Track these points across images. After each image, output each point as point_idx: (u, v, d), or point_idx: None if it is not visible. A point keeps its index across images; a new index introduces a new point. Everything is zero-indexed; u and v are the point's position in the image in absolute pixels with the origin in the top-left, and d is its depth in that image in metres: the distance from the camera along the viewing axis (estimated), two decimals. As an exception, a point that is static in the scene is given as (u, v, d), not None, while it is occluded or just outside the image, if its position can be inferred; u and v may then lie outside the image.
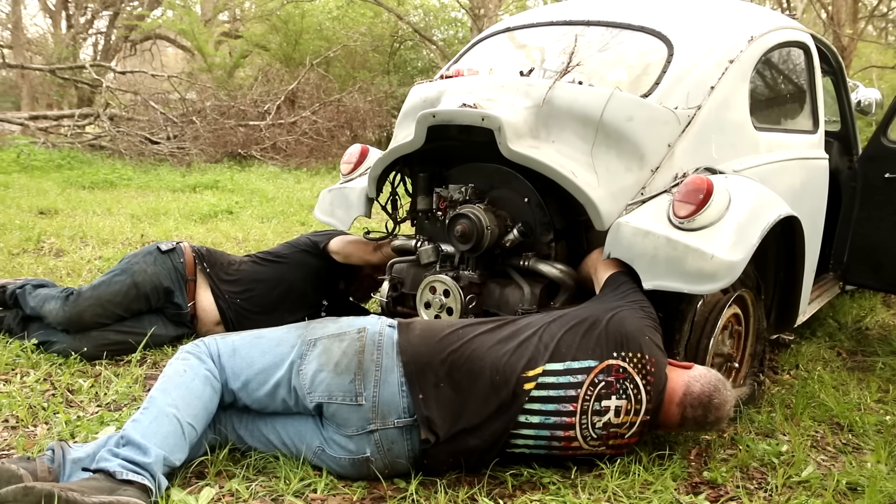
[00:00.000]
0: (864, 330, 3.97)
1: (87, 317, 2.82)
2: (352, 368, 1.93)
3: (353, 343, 1.97)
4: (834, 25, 14.07)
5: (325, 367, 1.93)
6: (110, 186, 8.30)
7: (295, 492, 1.90)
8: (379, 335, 1.99)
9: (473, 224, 2.49)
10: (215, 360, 2.00)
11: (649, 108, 2.48)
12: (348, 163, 3.22)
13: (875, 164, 3.56)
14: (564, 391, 1.97)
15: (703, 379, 2.12)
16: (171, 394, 1.89)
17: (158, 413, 1.85)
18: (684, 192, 2.31)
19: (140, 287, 2.92)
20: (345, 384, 1.91)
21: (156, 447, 1.78)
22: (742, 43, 2.75)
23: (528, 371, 1.96)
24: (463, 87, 2.69)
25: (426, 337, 2.01)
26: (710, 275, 2.22)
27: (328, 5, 16.98)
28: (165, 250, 3.04)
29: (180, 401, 1.88)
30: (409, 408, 1.92)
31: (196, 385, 1.93)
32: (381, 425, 1.92)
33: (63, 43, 17.62)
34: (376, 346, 1.96)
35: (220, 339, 2.07)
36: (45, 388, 2.51)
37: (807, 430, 2.53)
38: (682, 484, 2.08)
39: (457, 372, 1.95)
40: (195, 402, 1.91)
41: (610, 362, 2.01)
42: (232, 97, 12.32)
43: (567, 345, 2.02)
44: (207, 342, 2.05)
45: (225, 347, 2.03)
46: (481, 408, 1.94)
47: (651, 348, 2.08)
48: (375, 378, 1.92)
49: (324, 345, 1.98)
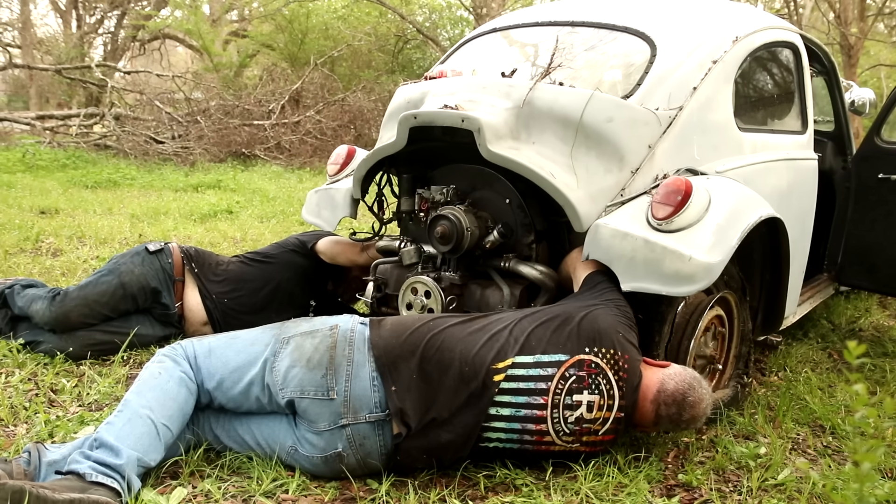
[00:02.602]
0: (858, 331, 3.94)
1: (74, 317, 2.84)
2: (323, 363, 1.96)
3: (325, 339, 2.01)
4: (841, 24, 13.97)
5: (297, 363, 1.96)
6: (113, 186, 8.36)
7: (266, 492, 1.91)
8: (350, 332, 2.03)
9: (453, 225, 2.49)
10: (191, 361, 2.03)
11: (629, 109, 2.47)
12: (335, 164, 3.23)
13: (869, 165, 3.53)
14: (535, 384, 1.98)
15: (678, 377, 2.12)
16: (146, 396, 1.91)
17: (132, 415, 1.86)
18: (663, 193, 2.31)
19: (127, 287, 2.94)
20: (316, 379, 1.94)
21: (128, 448, 1.79)
22: (726, 43, 2.74)
23: (497, 363, 1.98)
24: (445, 89, 2.70)
25: (397, 331, 2.04)
26: (688, 277, 2.21)
27: (333, 5, 17.02)
28: (153, 251, 3.05)
29: (154, 402, 1.90)
30: (381, 402, 1.94)
31: (171, 387, 1.95)
32: (352, 420, 1.94)
33: (70, 43, 17.74)
34: (348, 342, 2.00)
35: (196, 342, 2.09)
36: (29, 387, 2.53)
37: (788, 432, 2.52)
38: (656, 486, 2.08)
39: (427, 363, 1.98)
40: (170, 404, 1.93)
41: (581, 357, 2.02)
42: (237, 97, 12.37)
43: (537, 339, 2.04)
44: (184, 345, 2.08)
45: (201, 349, 2.06)
46: (451, 399, 1.96)
47: (624, 345, 2.09)
48: (347, 373, 1.95)
49: (296, 342, 2.01)
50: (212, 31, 15.84)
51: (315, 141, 11.74)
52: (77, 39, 18.15)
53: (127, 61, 19.90)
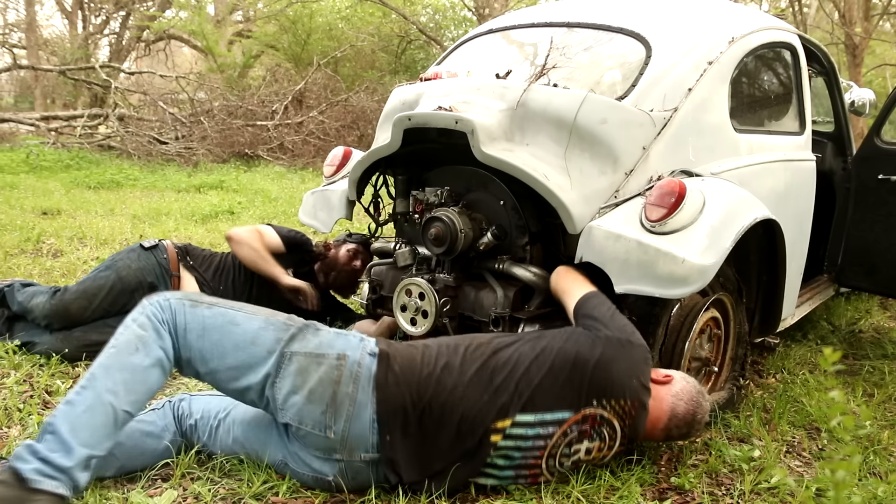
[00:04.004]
0: (858, 333, 3.93)
1: (74, 309, 2.86)
2: (325, 399, 1.84)
3: (331, 371, 1.87)
4: (845, 24, 13.91)
5: (298, 390, 1.85)
6: (116, 187, 8.38)
7: (256, 495, 1.91)
8: (357, 366, 1.89)
9: (447, 227, 2.48)
10: (179, 334, 1.87)
11: (623, 111, 2.46)
12: (331, 165, 3.23)
13: (869, 165, 3.52)
14: (532, 442, 1.92)
15: (686, 396, 2.09)
16: (114, 376, 1.78)
17: (94, 401, 1.74)
18: (656, 195, 2.30)
19: (125, 282, 2.97)
20: (316, 414, 1.84)
21: (81, 446, 1.70)
22: (722, 44, 2.72)
23: (497, 422, 1.89)
24: (440, 90, 2.69)
25: (405, 376, 1.91)
26: (682, 279, 2.20)
27: (337, 5, 17.03)
28: (148, 247, 3.11)
29: (122, 386, 1.78)
30: (378, 444, 1.87)
31: (144, 368, 1.81)
32: (346, 457, 1.88)
33: (75, 44, 17.80)
34: (353, 379, 1.87)
35: (189, 310, 1.90)
36: (24, 389, 2.54)
37: (783, 435, 2.51)
38: (648, 489, 2.07)
39: (428, 418, 1.88)
40: (138, 388, 1.81)
41: (587, 412, 1.94)
42: (240, 97, 12.39)
43: (543, 393, 1.92)
44: (175, 307, 1.89)
45: (194, 323, 1.88)
46: (446, 454, 1.90)
47: (637, 391, 2.00)
48: (348, 413, 1.85)
49: (300, 364, 1.86)
50: (216, 31, 15.89)
51: (318, 141, 11.75)
52: (82, 40, 18.21)
53: (132, 62, 19.96)
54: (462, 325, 2.61)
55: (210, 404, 2.10)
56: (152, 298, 1.93)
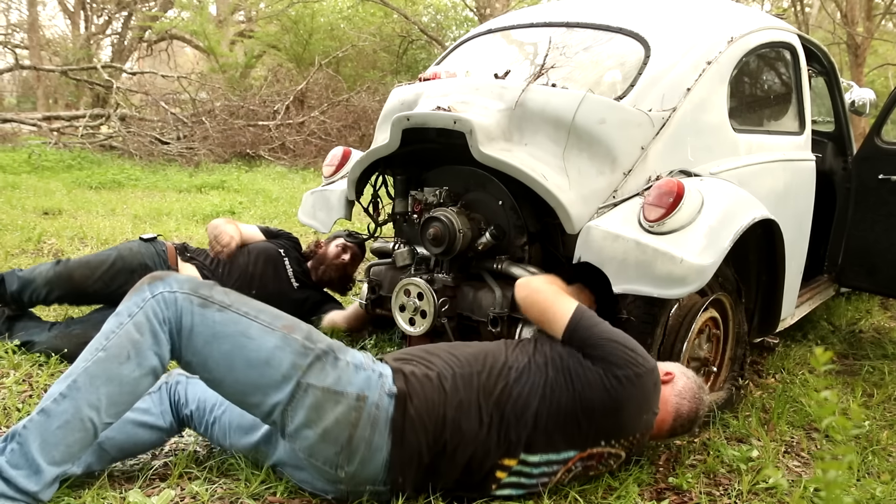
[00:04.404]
0: (858, 333, 3.92)
1: (77, 276, 2.92)
2: (340, 441, 1.74)
3: (349, 413, 1.74)
4: (847, 24, 13.89)
5: (312, 426, 1.73)
6: (118, 187, 8.38)
7: (254, 494, 1.91)
8: (376, 408, 1.76)
9: (445, 227, 2.49)
10: (183, 336, 1.68)
11: (622, 111, 2.46)
12: (330, 165, 3.24)
13: (869, 165, 3.51)
14: (537, 479, 1.89)
15: (689, 393, 2.06)
16: (99, 390, 1.60)
17: (73, 415, 1.58)
18: (655, 195, 2.30)
19: (125, 260, 3.03)
20: (328, 453, 1.75)
21: (51, 465, 1.57)
22: (721, 44, 2.72)
23: (504, 459, 1.85)
24: (439, 90, 2.70)
25: (421, 420, 1.80)
26: (680, 279, 2.20)
27: (339, 5, 17.04)
28: (147, 239, 3.19)
29: (105, 400, 1.61)
30: (386, 480, 1.81)
31: (133, 380, 1.65)
32: (352, 488, 1.82)
33: (77, 44, 17.83)
34: (371, 423, 1.75)
35: (197, 311, 1.70)
36: (23, 388, 2.54)
37: (782, 435, 2.51)
38: (646, 489, 2.07)
39: (440, 458, 1.83)
40: (124, 399, 1.67)
41: (594, 451, 1.92)
42: (242, 97, 12.40)
43: (550, 435, 1.86)
44: (181, 305, 1.69)
45: (202, 327, 1.68)
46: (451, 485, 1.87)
47: (647, 424, 1.98)
48: (362, 456, 1.76)
49: (317, 398, 1.72)
50: (218, 31, 15.90)
51: (319, 141, 11.75)
52: (84, 41, 18.24)
53: (134, 62, 20.00)
54: (461, 324, 2.62)
55: (206, 393, 2.02)
56: (156, 287, 1.70)
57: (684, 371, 2.16)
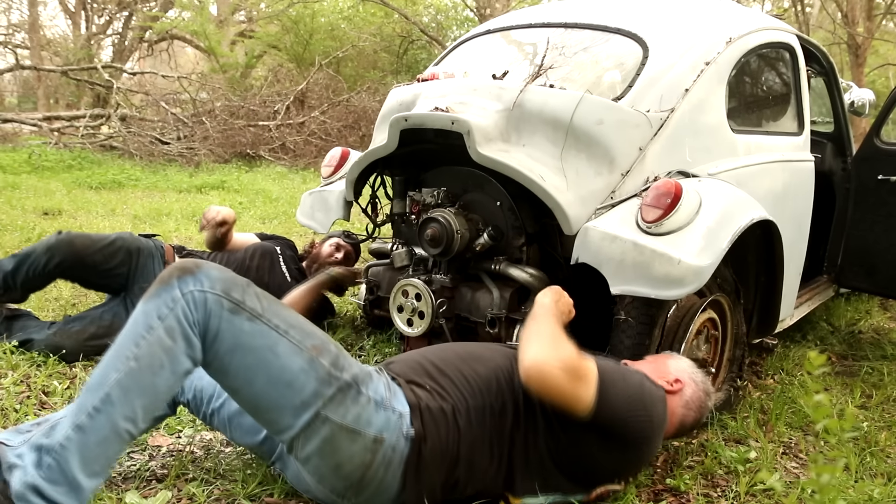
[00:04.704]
0: (858, 333, 3.92)
1: (78, 244, 2.91)
2: (351, 479, 1.68)
3: (364, 453, 1.66)
4: (848, 24, 13.88)
5: (324, 458, 1.66)
6: (118, 187, 8.39)
7: (251, 495, 1.91)
8: (392, 451, 1.68)
9: (443, 228, 2.49)
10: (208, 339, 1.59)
11: (620, 112, 2.46)
12: (328, 166, 3.24)
13: (868, 166, 3.51)
14: None
15: (696, 404, 2.02)
16: (134, 403, 1.53)
17: (110, 431, 1.52)
18: (652, 196, 2.30)
19: (125, 240, 3.04)
20: (338, 486, 1.70)
21: (91, 478, 1.51)
22: (719, 44, 2.72)
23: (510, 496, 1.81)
24: (437, 91, 2.70)
25: (434, 462, 1.73)
26: (677, 280, 2.19)
27: (339, 6, 17.05)
28: (145, 235, 3.22)
29: (141, 411, 1.55)
30: None
31: (168, 387, 1.58)
32: None
33: (78, 44, 17.84)
34: (385, 464, 1.68)
35: (226, 316, 1.58)
36: (21, 389, 2.54)
37: (780, 436, 2.51)
38: (644, 491, 2.07)
39: (450, 493, 1.77)
40: (160, 405, 1.64)
41: (601, 491, 1.88)
42: (242, 97, 12.41)
43: (559, 480, 1.82)
44: (211, 308, 1.57)
45: (228, 334, 1.58)
46: None
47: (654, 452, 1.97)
48: (371, 492, 1.71)
49: (333, 432, 1.63)
50: (218, 32, 15.90)
51: (320, 141, 11.75)
52: (85, 41, 18.25)
53: (135, 62, 20.02)
54: (459, 325, 2.62)
55: (202, 382, 1.97)
56: (186, 283, 1.58)
57: (693, 376, 2.08)
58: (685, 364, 2.14)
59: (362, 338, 3.24)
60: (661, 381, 2.00)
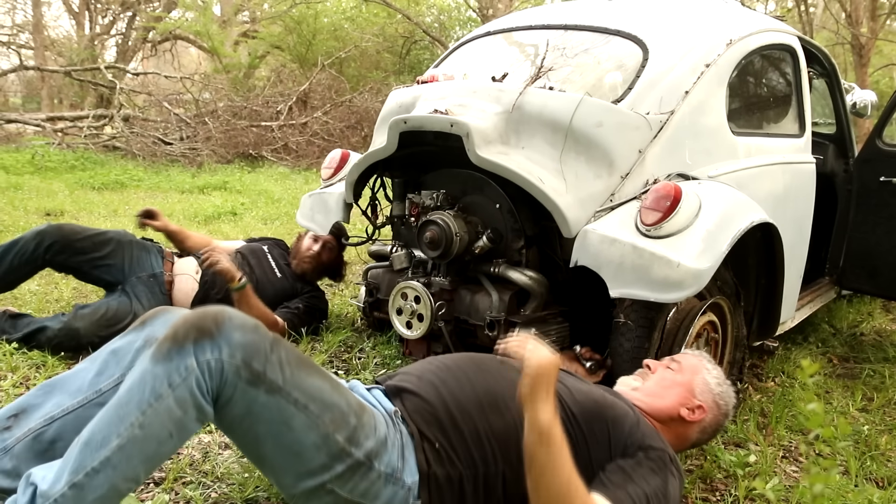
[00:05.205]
0: (860, 336, 3.90)
1: (66, 228, 3.00)
2: None
3: None
4: (852, 24, 13.85)
5: None
6: (120, 187, 8.40)
7: (248, 499, 1.91)
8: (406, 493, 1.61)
9: (442, 231, 2.48)
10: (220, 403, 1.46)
11: (619, 114, 2.46)
12: (328, 168, 3.24)
13: (870, 167, 3.50)
14: None
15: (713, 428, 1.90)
16: (137, 467, 1.41)
17: (109, 489, 1.39)
18: (652, 198, 2.29)
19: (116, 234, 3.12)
20: None
21: None
22: (720, 46, 2.71)
23: None
24: (437, 93, 2.69)
25: None
26: (677, 283, 2.19)
27: (342, 6, 17.06)
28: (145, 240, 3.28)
29: (144, 473, 1.44)
30: None
31: (172, 450, 1.47)
32: None
33: (82, 44, 17.88)
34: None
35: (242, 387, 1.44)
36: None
37: (780, 439, 2.50)
38: (642, 495, 2.06)
39: None
40: (163, 459, 1.49)
41: None
42: (245, 98, 12.42)
43: None
44: (228, 378, 1.43)
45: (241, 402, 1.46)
46: None
47: None
48: None
49: (336, 501, 1.56)
50: (221, 32, 15.92)
51: (322, 142, 11.75)
52: (88, 41, 18.29)
53: (138, 63, 20.05)
54: (458, 328, 2.61)
55: None
56: (203, 351, 1.42)
57: (717, 398, 1.90)
58: (713, 381, 1.93)
59: (362, 339, 3.24)
60: (682, 409, 1.86)
